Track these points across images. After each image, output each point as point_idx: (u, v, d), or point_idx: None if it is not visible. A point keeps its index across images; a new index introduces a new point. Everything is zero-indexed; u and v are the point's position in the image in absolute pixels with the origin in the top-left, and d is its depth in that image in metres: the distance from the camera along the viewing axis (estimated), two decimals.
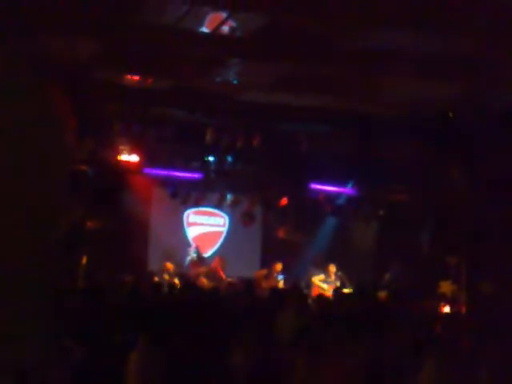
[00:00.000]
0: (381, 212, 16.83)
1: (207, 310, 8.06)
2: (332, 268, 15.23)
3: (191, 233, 17.23)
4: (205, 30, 9.40)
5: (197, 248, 16.35)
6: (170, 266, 15.13)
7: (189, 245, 16.76)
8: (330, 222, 17.22)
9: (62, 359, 4.76)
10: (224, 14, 8.88)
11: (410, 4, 8.13)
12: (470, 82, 10.91)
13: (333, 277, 15.17)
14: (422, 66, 10.19)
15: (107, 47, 10.17)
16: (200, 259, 16.13)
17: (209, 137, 14.16)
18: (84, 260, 13.35)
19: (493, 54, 9.51)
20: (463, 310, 13.10)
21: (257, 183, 16.01)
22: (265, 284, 14.63)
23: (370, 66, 10.27)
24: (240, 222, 16.83)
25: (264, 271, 15.68)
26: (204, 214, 17.34)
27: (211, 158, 15.40)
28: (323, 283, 15.11)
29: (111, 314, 7.27)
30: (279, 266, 15.53)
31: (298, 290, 11.55)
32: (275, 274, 15.41)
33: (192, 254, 16.16)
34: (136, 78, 11.88)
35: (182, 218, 17.03)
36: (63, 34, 9.55)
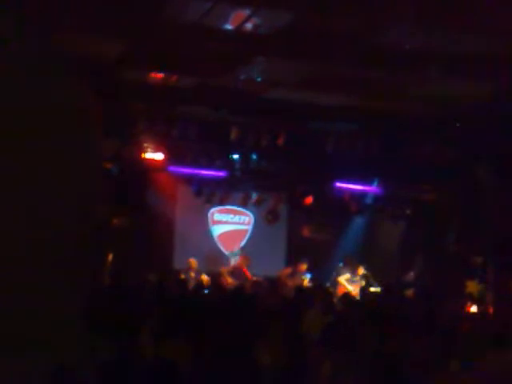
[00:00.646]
0: (407, 211, 16.75)
1: (233, 308, 8.05)
2: (360, 270, 15.18)
3: (216, 231, 17.23)
4: (229, 27, 9.38)
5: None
6: (193, 262, 15.11)
7: (213, 243, 16.79)
8: (358, 221, 17.14)
9: (91, 359, 4.76)
10: (248, 11, 8.85)
11: (438, 2, 8.06)
12: (497, 81, 10.80)
13: (358, 276, 15.12)
14: (449, 64, 10.10)
15: (132, 45, 10.20)
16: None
17: (233, 135, 14.16)
18: (110, 258, 13.39)
19: None
20: (490, 309, 12.98)
21: (282, 181, 15.98)
22: (290, 283, 14.60)
23: (397, 63, 10.19)
24: (265, 220, 16.81)
25: (289, 270, 15.65)
26: (229, 212, 17.32)
27: (236, 156, 15.40)
28: (349, 282, 15.06)
29: (137, 313, 7.27)
30: (304, 266, 15.49)
31: (323, 288, 11.52)
32: (300, 273, 15.38)
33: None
34: (160, 76, 11.90)
35: (206, 216, 17.03)
36: (90, 32, 9.59)
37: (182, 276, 13.98)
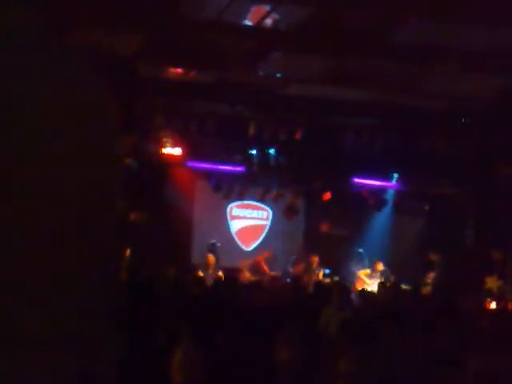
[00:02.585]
0: (426, 206, 16.67)
1: (250, 304, 8.04)
2: (380, 266, 15.14)
3: (234, 226, 17.21)
4: (248, 23, 9.37)
5: None
6: (211, 258, 15.09)
7: (232, 238, 16.79)
8: (376, 217, 17.07)
9: (112, 356, 4.76)
10: (267, 7, 8.84)
11: None
12: None
13: (378, 272, 15.09)
14: (469, 60, 10.03)
15: (151, 41, 10.22)
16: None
17: (252, 130, 14.15)
18: (127, 253, 13.42)
19: None
20: (510, 305, 12.88)
21: (300, 177, 15.94)
22: (305, 278, 14.54)
23: (417, 59, 10.15)
24: (283, 215, 16.78)
25: (302, 265, 15.60)
26: (247, 207, 17.29)
27: (254, 152, 15.38)
28: (368, 278, 15.04)
29: (155, 309, 7.28)
30: (315, 258, 15.44)
31: (341, 284, 11.49)
32: (314, 268, 15.34)
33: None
34: (179, 71, 11.92)
35: (225, 211, 17.02)
36: (109, 27, 9.62)
37: (200, 273, 13.97)
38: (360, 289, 12.55)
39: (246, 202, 17.05)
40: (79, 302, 1.80)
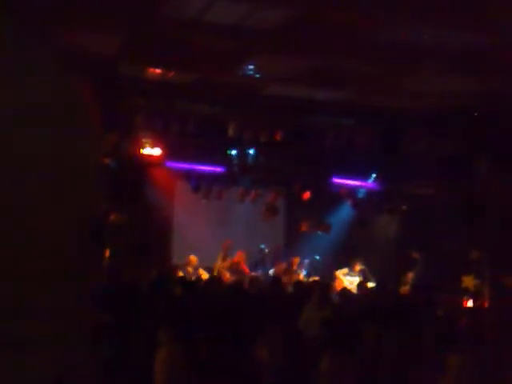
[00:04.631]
0: (404, 206, 16.76)
1: (232, 304, 8.06)
2: (358, 265, 15.23)
3: None
4: (228, 23, 9.38)
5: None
6: (193, 259, 15.10)
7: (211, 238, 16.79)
8: (355, 216, 17.16)
9: (92, 356, 4.77)
10: (246, 7, 8.85)
11: None
12: (495, 75, 10.83)
13: (356, 272, 15.17)
14: (448, 59, 10.12)
15: (131, 41, 10.20)
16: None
17: (231, 130, 14.15)
18: (107, 254, 13.38)
19: None
20: (486, 304, 13.01)
21: (280, 177, 15.97)
22: (285, 278, 14.58)
23: (396, 59, 10.22)
24: (263, 215, 16.79)
25: (283, 265, 15.66)
26: None
27: (234, 152, 15.39)
28: (346, 277, 15.10)
29: (137, 310, 7.28)
30: (297, 260, 15.55)
31: (320, 283, 11.54)
32: (295, 268, 15.41)
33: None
34: (159, 71, 11.90)
35: (205, 211, 16.98)
36: (88, 28, 9.59)
37: (180, 272, 13.98)
38: (340, 288, 12.60)
39: None
40: (55, 305, 1.80)
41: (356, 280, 14.64)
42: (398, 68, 10.75)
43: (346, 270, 15.24)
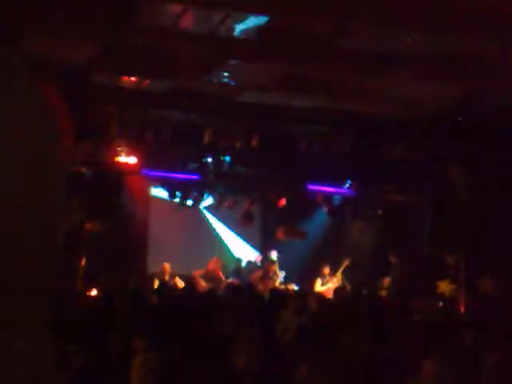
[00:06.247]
0: (379, 212, 16.85)
1: (207, 312, 8.04)
2: (326, 270, 15.26)
3: None
4: (201, 30, 9.38)
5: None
6: (167, 267, 15.08)
7: (187, 246, 16.77)
8: (331, 222, 17.22)
9: (63, 365, 4.73)
10: (220, 15, 8.86)
11: (413, 4, 8.13)
12: (471, 82, 10.91)
13: (328, 277, 15.20)
14: (419, 66, 10.19)
15: (105, 49, 10.16)
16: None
17: (207, 138, 14.14)
18: (83, 262, 13.31)
19: (496, 55, 9.50)
20: (462, 309, 13.10)
21: (255, 184, 16.00)
22: (261, 286, 14.57)
23: (369, 66, 10.27)
24: (239, 222, 16.82)
25: (259, 273, 15.68)
26: None
27: (209, 159, 15.39)
28: (320, 283, 15.14)
29: (113, 318, 7.23)
30: (274, 267, 15.57)
31: (296, 289, 11.56)
32: (271, 275, 15.43)
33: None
34: (133, 79, 11.86)
35: (180, 218, 16.98)
36: (60, 35, 9.54)
37: (156, 280, 13.93)
38: (316, 294, 12.62)
39: None
40: (28, 318, 1.76)
41: (330, 285, 14.69)
42: (372, 74, 10.80)
43: (319, 281, 15.26)
